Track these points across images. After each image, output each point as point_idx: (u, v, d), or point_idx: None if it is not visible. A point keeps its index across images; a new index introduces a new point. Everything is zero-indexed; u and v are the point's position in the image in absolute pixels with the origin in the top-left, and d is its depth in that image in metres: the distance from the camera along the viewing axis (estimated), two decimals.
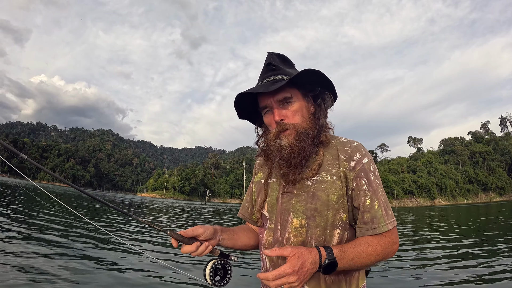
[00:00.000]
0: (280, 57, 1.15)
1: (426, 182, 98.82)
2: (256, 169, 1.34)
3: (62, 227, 9.53)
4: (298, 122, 1.08)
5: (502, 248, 8.62)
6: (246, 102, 1.15)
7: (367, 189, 1.03)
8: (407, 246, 9.40)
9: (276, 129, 1.09)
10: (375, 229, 1.01)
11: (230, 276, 1.08)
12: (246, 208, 1.35)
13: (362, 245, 0.99)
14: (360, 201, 1.03)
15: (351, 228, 1.07)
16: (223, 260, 1.09)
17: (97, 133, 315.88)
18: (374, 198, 1.03)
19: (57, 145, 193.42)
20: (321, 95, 1.12)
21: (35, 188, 19.45)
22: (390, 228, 1.03)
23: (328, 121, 1.15)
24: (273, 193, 1.16)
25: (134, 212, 8.47)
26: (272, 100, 1.08)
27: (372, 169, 1.06)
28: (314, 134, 1.08)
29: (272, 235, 1.11)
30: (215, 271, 1.06)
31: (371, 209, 1.02)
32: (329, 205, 1.03)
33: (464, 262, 6.87)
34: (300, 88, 1.09)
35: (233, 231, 1.26)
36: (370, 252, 0.98)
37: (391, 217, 1.04)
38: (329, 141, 1.11)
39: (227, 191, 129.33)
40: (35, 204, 16.39)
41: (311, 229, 1.03)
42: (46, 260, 5.42)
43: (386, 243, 1.01)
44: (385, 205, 1.04)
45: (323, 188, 1.05)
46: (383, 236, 1.02)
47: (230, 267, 1.10)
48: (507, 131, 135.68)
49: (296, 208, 1.06)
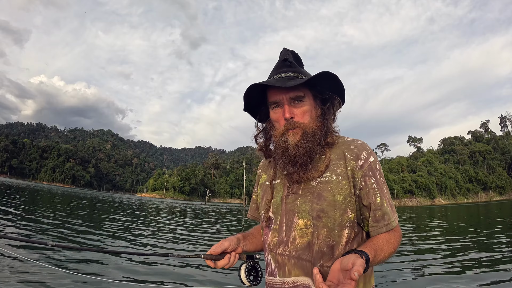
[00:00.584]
0: (295, 55, 1.15)
1: (426, 181, 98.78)
2: (259, 171, 1.34)
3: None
4: (307, 122, 1.08)
5: (501, 248, 8.60)
6: (254, 94, 1.14)
7: (376, 188, 1.04)
8: (407, 247, 9.39)
9: (284, 126, 1.09)
10: (388, 226, 1.03)
11: (262, 273, 1.14)
12: (254, 209, 1.36)
13: (383, 244, 1.00)
14: (370, 199, 1.04)
15: (359, 227, 1.08)
16: (252, 261, 1.16)
17: (96, 134, 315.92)
18: (382, 195, 1.04)
19: (57, 145, 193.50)
20: (331, 99, 1.12)
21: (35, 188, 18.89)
22: (397, 223, 1.07)
23: (335, 125, 1.16)
24: (278, 194, 1.16)
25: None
26: (285, 96, 1.08)
27: (378, 167, 1.08)
28: (321, 135, 1.08)
29: (277, 236, 1.11)
30: (249, 273, 1.13)
31: (381, 207, 1.03)
32: (336, 205, 1.03)
33: (464, 262, 6.86)
34: (312, 89, 1.10)
35: (252, 235, 1.31)
36: (390, 250, 1.01)
37: (395, 212, 1.08)
38: (334, 142, 1.12)
39: (227, 191, 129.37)
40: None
41: (318, 230, 1.03)
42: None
43: (397, 237, 1.05)
44: (390, 202, 1.08)
45: (328, 188, 1.05)
46: (394, 231, 1.05)
47: (259, 265, 1.17)
48: (506, 130, 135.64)
49: (302, 209, 1.06)
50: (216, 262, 1.14)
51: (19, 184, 63.82)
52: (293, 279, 1.04)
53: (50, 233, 8.44)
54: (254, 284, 1.11)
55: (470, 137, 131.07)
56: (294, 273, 1.04)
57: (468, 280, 5.33)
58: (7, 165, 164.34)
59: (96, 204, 26.34)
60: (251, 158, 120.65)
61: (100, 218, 14.76)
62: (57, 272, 4.88)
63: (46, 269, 4.89)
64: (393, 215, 1.05)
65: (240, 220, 21.28)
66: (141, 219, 16.50)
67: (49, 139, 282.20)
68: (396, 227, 1.06)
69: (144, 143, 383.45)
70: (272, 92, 1.10)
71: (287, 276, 1.05)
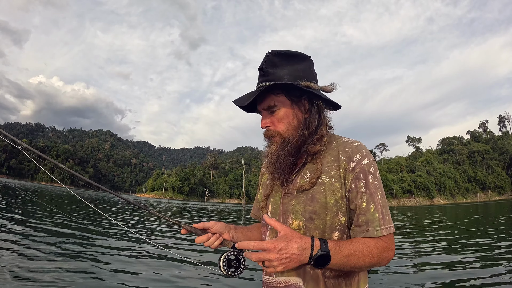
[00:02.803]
0: (280, 55, 1.08)
1: (425, 181, 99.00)
2: (263, 170, 1.35)
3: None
4: (283, 129, 1.08)
5: (501, 247, 8.61)
6: (248, 104, 1.14)
7: (363, 191, 1.00)
8: (407, 245, 9.38)
9: (264, 135, 1.14)
10: (367, 232, 0.98)
11: (244, 266, 1.10)
12: (257, 208, 1.36)
13: (358, 243, 0.97)
14: (356, 203, 1.01)
15: (349, 231, 1.05)
16: (236, 251, 1.11)
17: (95, 134, 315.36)
18: (370, 201, 1.00)
19: (56, 145, 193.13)
20: (311, 102, 1.09)
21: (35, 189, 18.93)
22: (385, 234, 0.99)
23: (334, 124, 1.14)
24: (277, 193, 1.16)
25: (152, 208, 7.95)
26: (260, 107, 1.11)
27: (372, 171, 1.03)
28: (297, 143, 1.07)
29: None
30: (228, 262, 1.09)
31: (366, 212, 1.00)
32: (327, 208, 1.02)
33: (463, 262, 6.86)
34: (288, 94, 1.07)
35: (247, 228, 1.30)
36: (365, 252, 0.96)
37: (388, 222, 1.01)
38: (330, 142, 1.09)
39: (226, 191, 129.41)
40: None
41: (310, 231, 1.03)
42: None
43: (382, 247, 0.98)
44: (383, 210, 1.01)
45: (321, 190, 1.03)
46: (379, 239, 0.99)
47: (244, 258, 1.12)
48: (505, 130, 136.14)
49: (295, 210, 1.06)
50: (196, 237, 1.16)
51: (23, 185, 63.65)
52: (285, 279, 1.05)
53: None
54: (230, 274, 1.08)
55: (469, 137, 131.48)
56: (287, 273, 1.04)
57: (465, 277, 5.33)
58: (5, 166, 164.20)
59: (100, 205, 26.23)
60: (250, 158, 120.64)
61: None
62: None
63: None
64: (381, 223, 0.99)
65: (240, 220, 21.21)
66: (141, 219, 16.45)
67: (47, 140, 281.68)
68: (383, 237, 0.99)
69: (143, 143, 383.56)
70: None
71: (281, 276, 1.06)
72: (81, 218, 12.76)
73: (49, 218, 11.56)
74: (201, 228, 1.15)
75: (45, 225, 9.75)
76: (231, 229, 1.22)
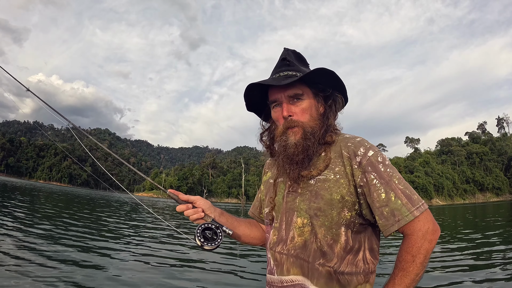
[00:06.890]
0: (296, 54, 1.15)
1: (423, 182, 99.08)
2: (265, 169, 1.35)
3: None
4: (306, 120, 1.07)
5: (499, 247, 8.61)
6: (255, 94, 1.16)
7: (378, 183, 0.97)
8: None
9: (283, 125, 1.08)
10: (399, 222, 0.93)
11: (220, 239, 1.08)
12: (256, 207, 1.37)
13: (397, 268, 0.95)
14: (373, 197, 0.97)
15: (359, 226, 1.03)
16: (214, 224, 1.09)
17: (94, 132, 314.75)
18: (388, 190, 0.96)
19: (54, 144, 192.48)
20: (332, 96, 1.11)
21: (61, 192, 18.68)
22: (417, 215, 0.93)
23: (337, 123, 1.15)
24: (280, 192, 1.16)
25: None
26: (283, 95, 1.08)
27: (381, 160, 1.01)
28: (320, 134, 1.07)
29: (277, 234, 1.11)
30: (202, 231, 1.07)
31: (388, 202, 0.95)
32: (333, 204, 1.01)
33: (460, 264, 6.83)
34: (312, 87, 1.08)
35: (236, 219, 1.28)
36: (417, 267, 0.92)
37: (417, 202, 0.95)
38: (333, 140, 1.09)
39: (224, 191, 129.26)
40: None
41: (315, 228, 1.02)
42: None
43: (419, 241, 0.92)
44: (406, 192, 0.96)
45: (326, 187, 1.03)
46: (411, 234, 0.94)
47: (222, 232, 1.10)
48: (503, 132, 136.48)
49: (300, 207, 1.05)
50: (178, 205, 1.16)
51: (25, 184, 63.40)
52: (291, 278, 1.03)
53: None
54: (205, 245, 1.06)
55: (467, 138, 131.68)
56: (292, 272, 1.03)
57: (465, 277, 5.33)
58: (3, 164, 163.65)
59: (98, 200, 26.22)
60: (249, 158, 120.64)
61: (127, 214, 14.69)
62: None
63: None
64: (409, 207, 0.94)
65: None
66: (141, 218, 16.44)
67: (46, 138, 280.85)
68: (415, 222, 0.93)
69: (141, 142, 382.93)
70: (271, 92, 1.11)
71: (285, 275, 1.04)
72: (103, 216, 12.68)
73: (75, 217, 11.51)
74: (185, 199, 1.17)
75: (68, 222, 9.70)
76: (216, 211, 1.20)
